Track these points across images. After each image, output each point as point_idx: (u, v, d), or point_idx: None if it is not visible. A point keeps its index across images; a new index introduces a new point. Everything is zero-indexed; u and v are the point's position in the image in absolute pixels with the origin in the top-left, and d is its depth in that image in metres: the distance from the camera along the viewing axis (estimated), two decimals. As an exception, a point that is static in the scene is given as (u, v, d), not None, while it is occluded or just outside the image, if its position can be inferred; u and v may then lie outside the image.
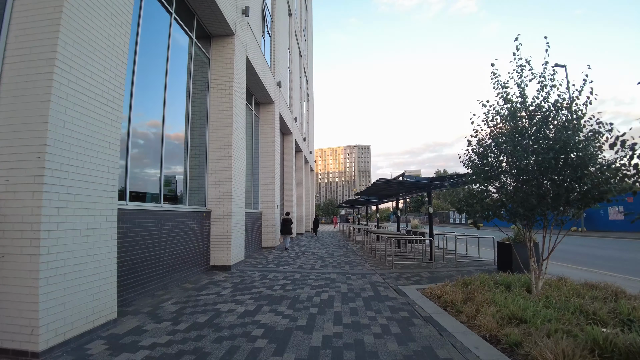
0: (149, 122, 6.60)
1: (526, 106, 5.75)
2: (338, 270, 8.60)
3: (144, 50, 6.17)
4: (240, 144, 9.26)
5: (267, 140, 13.87)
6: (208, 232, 8.37)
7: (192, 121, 8.45)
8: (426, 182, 8.94)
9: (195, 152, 8.53)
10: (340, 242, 17.23)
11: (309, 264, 9.65)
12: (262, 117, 14.07)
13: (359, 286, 6.66)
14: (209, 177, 8.61)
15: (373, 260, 10.33)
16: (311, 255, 11.56)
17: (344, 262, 10.04)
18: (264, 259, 10.62)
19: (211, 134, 8.76)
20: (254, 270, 8.50)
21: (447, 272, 8.34)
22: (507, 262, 8.27)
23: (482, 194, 5.95)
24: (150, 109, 6.61)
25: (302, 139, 24.45)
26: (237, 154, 8.94)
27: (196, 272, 7.72)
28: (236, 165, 8.85)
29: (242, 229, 9.21)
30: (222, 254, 8.40)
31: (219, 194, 8.52)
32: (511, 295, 5.26)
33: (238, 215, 8.89)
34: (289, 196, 19.25)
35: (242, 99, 9.71)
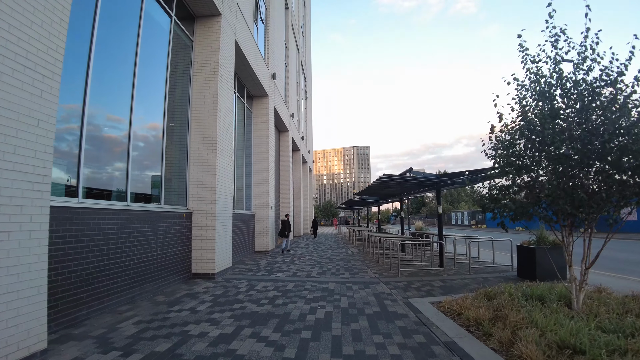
0: (113, 110, 5.60)
1: (562, 83, 4.78)
2: (337, 278, 7.58)
3: (106, 23, 5.18)
4: (227, 136, 8.26)
5: (261, 135, 12.88)
6: (189, 236, 7.36)
7: (172, 111, 7.47)
8: (436, 178, 7.95)
9: (175, 145, 7.54)
10: (340, 245, 16.21)
11: (305, 270, 8.63)
12: (256, 111, 13.08)
13: (362, 299, 5.64)
14: (190, 173, 7.61)
15: (376, 266, 9.32)
16: (308, 260, 10.54)
17: (343, 268, 9.02)
18: (256, 264, 9.60)
19: (193, 125, 7.76)
20: (241, 278, 7.48)
21: (461, 280, 7.33)
22: (529, 268, 7.26)
23: (514, 188, 4.95)
24: (114, 95, 5.61)
25: (299, 138, 23.47)
26: (222, 147, 7.94)
27: (174, 282, 6.70)
28: (222, 160, 7.84)
29: (228, 231, 8.19)
30: (205, 260, 7.38)
31: (201, 192, 7.51)
32: (551, 313, 4.26)
33: (224, 217, 7.88)
34: (285, 197, 18.24)
35: (230, 87, 8.72)
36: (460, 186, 8.30)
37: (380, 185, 10.80)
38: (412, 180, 8.12)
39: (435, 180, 8.08)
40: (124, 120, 5.69)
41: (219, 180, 7.62)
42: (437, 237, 12.70)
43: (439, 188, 8.89)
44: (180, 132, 7.68)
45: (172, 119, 7.58)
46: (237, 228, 10.32)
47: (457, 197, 67.47)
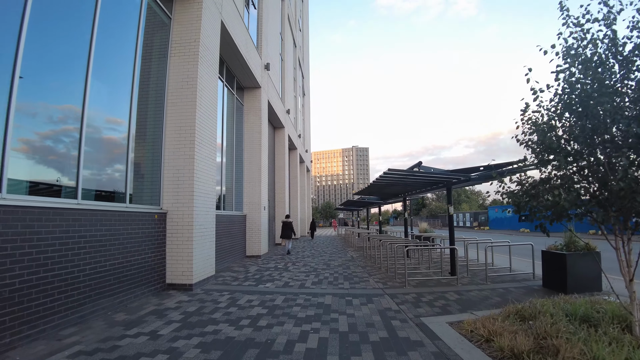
0: (58, 89, 4.58)
1: (618, 50, 3.80)
2: (335, 289, 6.56)
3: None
4: (209, 125, 7.24)
5: (253, 130, 11.87)
6: (163, 240, 6.34)
7: (145, 96, 6.48)
8: (448, 174, 6.94)
9: (147, 135, 6.53)
10: (338, 249, 15.18)
11: (299, 279, 7.61)
12: (248, 103, 12.08)
13: (365, 319, 4.62)
14: (164, 167, 6.59)
15: (378, 273, 8.30)
16: (303, 267, 9.51)
17: (342, 275, 8.00)
18: (244, 272, 8.56)
19: (169, 111, 6.75)
20: (224, 290, 6.44)
21: (479, 291, 6.32)
22: (558, 278, 6.25)
23: (568, 181, 3.94)
24: (59, 70, 4.59)
25: (296, 135, 22.46)
26: (202, 137, 6.92)
27: (142, 295, 5.66)
28: (201, 152, 6.83)
29: (210, 235, 7.16)
30: (182, 269, 6.35)
31: (177, 189, 6.49)
32: (616, 345, 3.24)
33: (204, 218, 6.85)
34: (280, 197, 17.22)
35: (214, 71, 7.71)
36: (477, 183, 7.29)
37: (382, 184, 9.80)
38: (420, 176, 7.12)
39: (446, 177, 7.07)
40: (74, 107, 4.67)
41: (197, 175, 6.60)
42: (443, 240, 11.73)
43: (450, 186, 7.89)
44: (154, 121, 6.67)
45: (145, 106, 6.57)
46: (223, 231, 9.30)
47: (457, 197, 66.49)
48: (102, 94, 5.32)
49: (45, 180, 4.36)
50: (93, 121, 5.07)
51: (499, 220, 35.64)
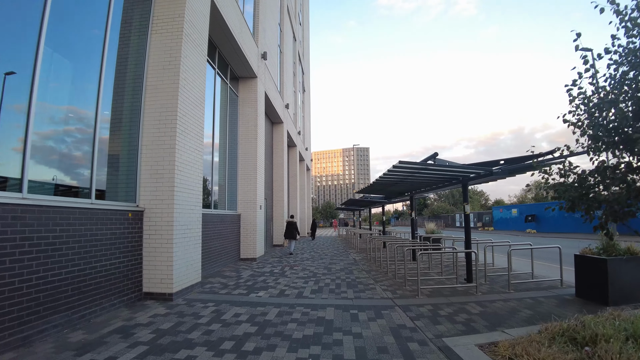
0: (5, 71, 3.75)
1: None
2: (337, 299, 5.71)
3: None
4: (194, 112, 6.40)
5: (248, 123, 11.02)
6: (139, 242, 5.49)
7: (120, 77, 5.66)
8: (468, 169, 6.06)
9: (123, 123, 5.70)
10: (340, 251, 14.32)
11: (296, 286, 6.75)
12: (243, 94, 11.23)
13: (375, 341, 3.76)
14: (142, 159, 5.74)
15: (385, 279, 7.45)
16: (302, 271, 8.65)
17: (345, 282, 7.15)
18: (235, 277, 7.70)
19: (148, 96, 5.91)
20: (209, 301, 5.59)
21: (504, 302, 5.46)
22: (597, 286, 5.38)
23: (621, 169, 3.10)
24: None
25: (296, 132, 21.62)
26: (186, 126, 6.08)
27: (112, 307, 4.81)
28: (185, 142, 5.98)
29: (194, 237, 6.31)
30: (160, 276, 5.50)
31: (155, 184, 5.64)
32: None
33: (187, 217, 6.01)
34: (279, 196, 16.37)
35: (201, 53, 6.87)
36: (500, 177, 6.43)
37: (388, 181, 8.94)
38: (433, 171, 6.26)
39: (464, 172, 6.21)
40: (21, 72, 3.82)
41: (179, 168, 5.75)
42: (454, 242, 10.82)
43: (467, 182, 7.04)
44: (131, 106, 5.82)
45: (121, 89, 5.74)
46: (214, 232, 8.45)
47: (459, 197, 65.57)
48: (60, 67, 4.48)
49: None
50: (48, 99, 4.23)
51: (503, 220, 34.75)
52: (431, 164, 5.87)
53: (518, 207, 33.83)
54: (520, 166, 5.90)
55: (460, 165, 5.88)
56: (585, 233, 23.17)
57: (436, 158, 6.00)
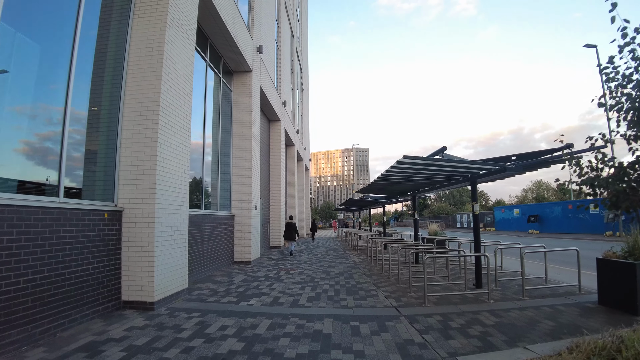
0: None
1: None
2: (336, 307, 5.19)
3: None
4: (179, 104, 5.88)
5: (243, 119, 10.51)
6: (117, 245, 4.97)
7: (99, 65, 5.17)
8: (478, 165, 5.55)
9: (101, 114, 5.20)
10: (339, 253, 13.80)
11: (292, 292, 6.23)
12: (237, 89, 10.72)
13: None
14: (121, 154, 5.22)
15: (387, 284, 6.93)
16: (299, 276, 8.13)
17: (345, 288, 6.63)
18: (227, 283, 7.18)
19: (129, 85, 5.39)
20: (194, 310, 5.06)
21: (520, 311, 4.95)
22: (625, 294, 4.86)
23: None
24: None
25: (294, 131, 21.11)
26: (171, 118, 5.56)
27: (84, 318, 4.29)
28: (168, 135, 5.46)
29: (180, 239, 5.78)
30: (140, 283, 4.98)
31: (135, 181, 5.12)
32: None
33: (171, 218, 5.48)
34: (276, 196, 15.86)
35: (189, 40, 6.36)
36: (518, 172, 5.90)
37: (389, 180, 8.44)
38: (440, 168, 5.75)
39: (474, 168, 5.69)
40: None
41: (162, 164, 5.23)
42: (461, 244, 10.34)
43: (476, 179, 6.53)
44: (110, 95, 5.31)
45: (100, 77, 5.24)
46: (205, 233, 7.93)
47: (459, 198, 65.14)
48: (23, 49, 3.97)
49: None
50: (9, 85, 3.71)
51: (505, 221, 34.26)
52: (439, 159, 5.37)
53: (520, 208, 33.35)
54: (538, 161, 5.40)
55: (470, 161, 5.37)
56: (591, 234, 22.70)
57: (444, 153, 5.49)
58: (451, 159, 5.60)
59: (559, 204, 26.79)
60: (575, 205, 25.54)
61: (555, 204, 28.39)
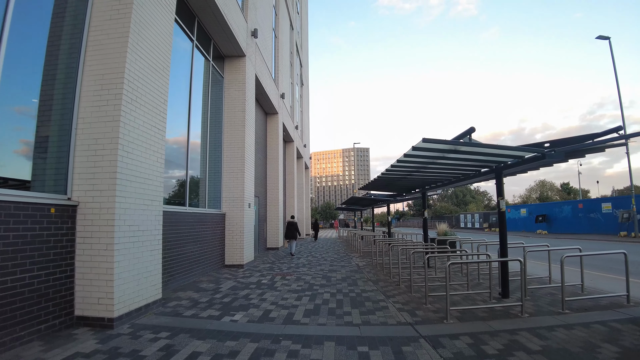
0: None
1: None
2: (339, 326, 4.25)
3: None
4: (152, 79, 4.93)
5: (235, 108, 9.57)
6: (70, 248, 4.03)
7: (56, 32, 4.24)
8: (516, 150, 4.57)
9: (55, 88, 4.28)
10: (341, 255, 12.85)
11: (286, 304, 5.29)
12: (229, 75, 9.77)
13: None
14: (76, 136, 4.29)
15: (397, 293, 5.99)
16: (295, 282, 7.19)
17: (349, 298, 5.69)
18: (212, 291, 6.24)
19: (89, 54, 4.46)
20: (164, 327, 4.12)
21: (566, 329, 4.00)
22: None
23: None
24: None
25: (293, 126, 20.18)
26: (138, 93, 4.61)
27: (16, 342, 3.35)
28: (134, 115, 4.51)
29: (151, 241, 4.82)
30: (98, 294, 4.04)
31: (93, 169, 4.18)
32: None
33: (139, 215, 4.53)
34: (273, 194, 14.92)
35: (165, 6, 5.42)
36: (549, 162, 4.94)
37: (398, 174, 7.50)
38: (466, 155, 4.79)
39: (510, 154, 4.72)
40: None
41: (126, 148, 4.29)
42: (475, 246, 9.13)
43: (502, 171, 5.58)
44: (66, 67, 4.37)
45: (55, 47, 4.32)
46: (188, 234, 6.99)
47: (462, 198, 64.14)
48: None
49: None
50: None
51: (512, 221, 33.21)
52: (467, 142, 4.41)
53: (527, 207, 32.36)
54: (584, 146, 4.46)
55: (504, 147, 4.41)
56: (604, 234, 21.73)
57: (471, 136, 4.55)
58: (479, 143, 4.64)
59: (569, 203, 25.81)
60: (586, 205, 24.59)
61: (565, 203, 27.39)
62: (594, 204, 24.11)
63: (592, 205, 24.16)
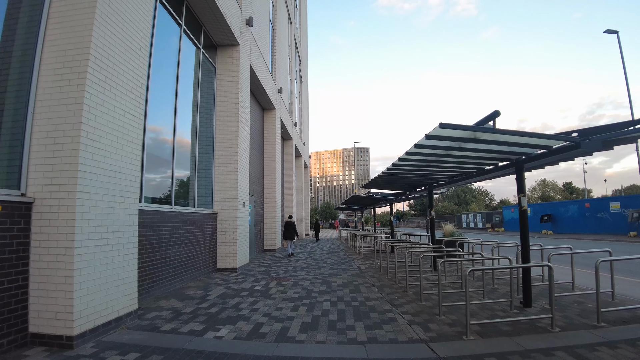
0: None
1: None
2: (341, 344, 3.63)
3: None
4: (125, 59, 4.29)
5: (228, 100, 8.94)
6: (24, 253, 3.41)
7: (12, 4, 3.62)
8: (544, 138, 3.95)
9: (11, 66, 3.65)
10: (341, 257, 12.22)
11: (280, 317, 4.66)
12: (222, 66, 9.15)
13: None
14: (33, 122, 3.66)
15: (406, 301, 5.37)
16: (292, 288, 6.57)
17: (351, 308, 5.06)
18: (198, 299, 5.61)
19: (50, 26, 3.83)
20: (133, 348, 3.49)
21: (610, 348, 3.38)
22: None
23: None
24: None
25: (291, 123, 19.54)
26: (108, 73, 3.98)
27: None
28: (102, 98, 3.88)
29: (124, 244, 4.19)
30: (55, 307, 3.41)
31: (52, 160, 3.56)
32: None
33: (106, 214, 3.90)
34: (271, 192, 14.30)
35: (144, -23, 4.79)
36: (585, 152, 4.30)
37: (404, 169, 6.89)
38: (488, 143, 4.17)
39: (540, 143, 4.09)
40: None
41: (91, 136, 3.67)
42: (489, 249, 8.45)
43: (523, 164, 4.96)
44: (24, 42, 3.75)
45: (14, 18, 3.71)
46: (174, 235, 6.37)
47: (464, 197, 63.49)
48: None
49: None
50: None
51: (515, 221, 32.53)
52: (491, 128, 3.79)
53: (532, 207, 31.70)
54: (622, 134, 3.84)
55: (534, 134, 3.78)
56: (612, 234, 21.10)
57: (495, 121, 3.93)
58: (505, 129, 4.00)
59: (575, 202, 25.18)
60: (593, 204, 23.97)
61: (571, 203, 26.75)
62: (602, 203, 23.48)
63: (599, 204, 23.53)
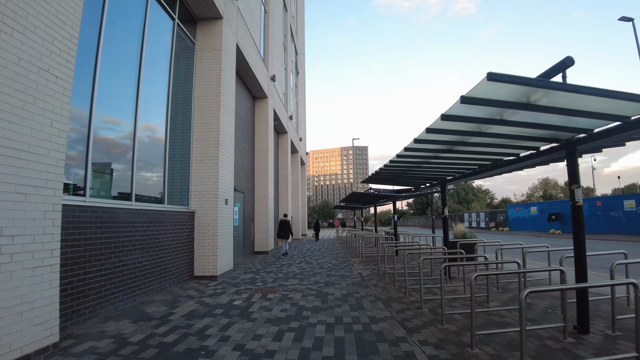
0: None
1: None
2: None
3: None
4: None
5: (208, 80, 7.70)
6: None
7: None
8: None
9: None
10: (340, 260, 11.03)
11: (258, 351, 3.47)
12: (202, 42, 7.91)
13: None
14: None
15: (422, 322, 4.20)
16: (279, 304, 5.37)
17: (353, 334, 3.88)
18: (159, 320, 4.40)
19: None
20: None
21: None
22: None
23: None
24: None
25: (286, 115, 18.30)
26: (1, 6, 2.75)
27: None
28: (9, 46, 2.66)
29: (33, 253, 2.95)
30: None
31: None
32: None
33: (7, 209, 2.68)
34: (262, 189, 13.09)
35: None
36: None
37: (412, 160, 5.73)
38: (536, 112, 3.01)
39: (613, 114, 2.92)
40: None
41: (9, 99, 2.45)
42: (502, 251, 6.89)
43: (575, 146, 3.78)
44: None
45: None
46: (133, 239, 5.15)
47: (464, 196, 62.35)
48: None
49: None
50: None
51: (520, 220, 31.45)
52: (560, 84, 2.61)
53: (538, 205, 30.55)
54: None
55: (629, 95, 2.60)
56: (626, 234, 19.92)
57: (565, 73, 2.75)
58: (580, 86, 2.78)
59: (586, 200, 23.95)
60: (605, 202, 22.83)
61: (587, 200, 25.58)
62: (615, 201, 22.32)
63: (612, 202, 22.38)
